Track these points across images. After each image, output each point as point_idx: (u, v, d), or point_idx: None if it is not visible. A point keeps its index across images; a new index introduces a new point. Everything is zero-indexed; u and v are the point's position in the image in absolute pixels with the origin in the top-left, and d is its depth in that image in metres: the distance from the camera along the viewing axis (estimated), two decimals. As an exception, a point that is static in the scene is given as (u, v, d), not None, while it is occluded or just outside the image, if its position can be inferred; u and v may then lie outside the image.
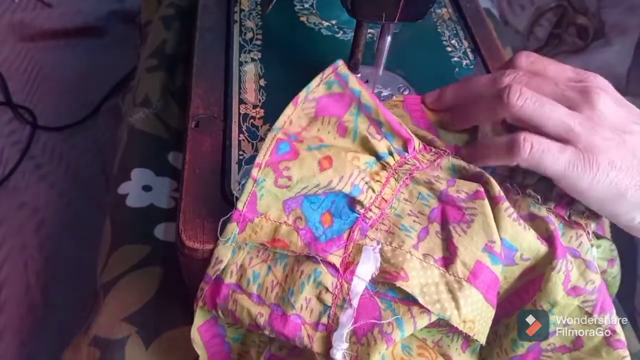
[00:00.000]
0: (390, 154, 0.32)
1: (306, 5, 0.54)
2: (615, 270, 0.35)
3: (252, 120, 0.42)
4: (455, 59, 0.51)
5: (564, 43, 0.72)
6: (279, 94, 0.45)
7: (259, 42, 0.50)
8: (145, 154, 0.51)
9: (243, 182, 0.30)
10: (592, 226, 0.34)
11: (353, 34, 0.41)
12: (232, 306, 0.31)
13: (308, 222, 0.31)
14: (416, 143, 0.34)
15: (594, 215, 0.34)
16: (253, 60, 0.48)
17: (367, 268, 0.29)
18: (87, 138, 0.96)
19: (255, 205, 0.30)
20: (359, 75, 0.44)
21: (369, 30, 0.50)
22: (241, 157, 0.40)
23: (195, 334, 0.32)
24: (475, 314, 0.29)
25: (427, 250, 0.30)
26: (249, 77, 0.46)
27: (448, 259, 0.30)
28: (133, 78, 0.64)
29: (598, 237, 0.34)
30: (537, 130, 0.31)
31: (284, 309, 0.29)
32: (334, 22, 0.53)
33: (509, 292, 0.33)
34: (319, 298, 0.29)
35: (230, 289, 0.31)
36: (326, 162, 0.30)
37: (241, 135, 0.41)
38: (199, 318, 0.32)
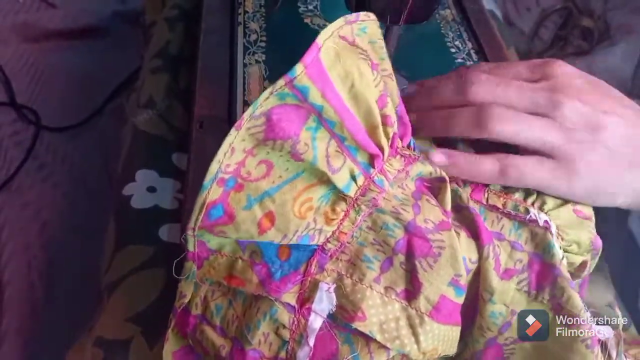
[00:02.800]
0: (353, 178, 0.30)
1: (310, 7, 0.54)
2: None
3: (256, 122, 0.43)
4: (459, 60, 0.51)
5: (569, 45, 0.72)
6: (283, 96, 0.45)
7: (263, 44, 0.50)
8: (149, 155, 0.51)
9: (183, 235, 0.29)
10: (516, 195, 0.34)
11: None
12: (199, 336, 0.31)
13: (264, 256, 0.30)
14: (385, 153, 0.32)
15: (514, 189, 0.34)
16: (257, 62, 0.48)
17: (323, 306, 0.29)
18: (91, 139, 0.96)
19: (205, 246, 0.30)
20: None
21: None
22: (246, 159, 0.40)
23: (168, 357, 0.32)
24: (437, 343, 0.29)
25: (390, 283, 0.29)
26: (253, 79, 0.46)
27: (411, 292, 0.29)
28: (137, 79, 0.64)
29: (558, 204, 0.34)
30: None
31: (243, 343, 0.29)
32: (338, 23, 0.53)
33: (474, 294, 0.33)
34: (277, 333, 0.29)
35: (197, 320, 0.31)
36: (267, 221, 0.28)
37: (246, 136, 0.41)
38: (174, 344, 0.32)
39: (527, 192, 0.34)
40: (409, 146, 0.34)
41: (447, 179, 0.33)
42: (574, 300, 0.30)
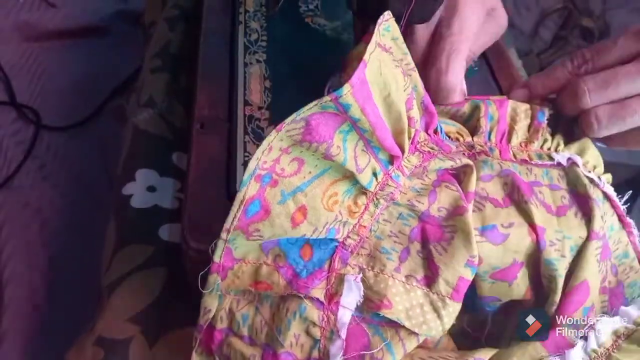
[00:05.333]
0: (375, 175, 0.32)
1: (311, 7, 0.54)
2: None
3: (257, 122, 0.43)
4: (460, 60, 0.51)
5: (569, 45, 0.72)
6: (284, 96, 0.45)
7: (263, 44, 0.50)
8: (149, 155, 0.51)
9: (215, 241, 0.29)
10: (535, 145, 0.37)
11: (358, 35, 0.41)
12: (226, 350, 0.31)
13: (288, 258, 0.31)
14: (406, 152, 0.33)
15: (531, 141, 0.37)
16: (258, 61, 0.48)
17: (351, 298, 0.30)
18: (91, 138, 0.96)
19: (231, 255, 0.30)
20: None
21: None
22: (246, 159, 0.40)
23: None
24: (454, 319, 0.30)
25: (410, 271, 0.30)
26: (254, 79, 0.46)
27: (430, 277, 0.30)
28: (137, 78, 0.64)
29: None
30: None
31: (274, 348, 0.29)
32: (338, 23, 0.53)
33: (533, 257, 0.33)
34: (308, 332, 0.29)
35: (223, 334, 0.31)
36: (300, 215, 0.29)
37: (246, 136, 0.41)
38: None
39: (544, 140, 0.37)
40: (435, 131, 0.36)
41: (472, 163, 0.34)
42: (596, 221, 0.33)
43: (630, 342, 0.31)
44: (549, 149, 0.37)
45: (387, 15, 0.33)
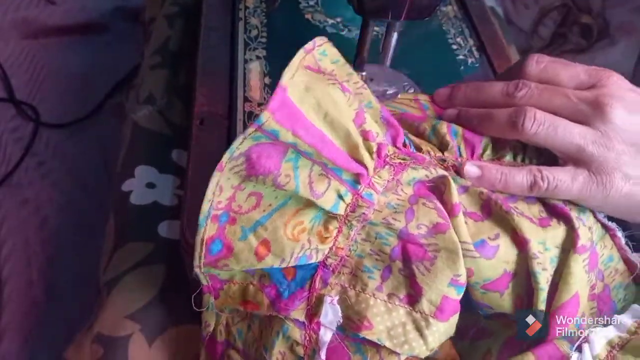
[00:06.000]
0: (341, 197, 0.31)
1: (311, 3, 0.54)
2: None
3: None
4: (461, 57, 0.51)
5: (568, 42, 0.72)
6: (283, 92, 0.45)
7: (263, 40, 0.50)
8: (149, 152, 0.51)
9: (194, 272, 0.30)
10: (507, 158, 0.35)
11: (358, 31, 0.41)
12: None
13: (272, 278, 0.31)
14: (370, 168, 0.32)
15: (504, 153, 0.35)
16: (258, 58, 0.48)
17: (329, 318, 0.30)
18: (90, 135, 0.96)
19: (217, 278, 0.31)
20: (364, 73, 0.44)
21: (375, 28, 0.50)
22: (246, 155, 0.40)
23: None
24: (442, 338, 0.30)
25: (392, 290, 0.30)
26: (254, 75, 0.46)
27: (413, 296, 0.30)
28: (136, 75, 0.64)
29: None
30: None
31: None
32: (339, 19, 0.53)
33: (523, 264, 0.32)
34: (292, 350, 0.30)
35: (224, 346, 0.32)
36: (263, 248, 0.29)
37: (246, 133, 0.41)
38: None
39: (515, 153, 0.35)
40: (404, 144, 0.34)
41: (447, 174, 0.33)
42: (582, 234, 0.32)
43: (625, 352, 0.30)
44: (522, 160, 0.35)
45: (320, 40, 0.32)
